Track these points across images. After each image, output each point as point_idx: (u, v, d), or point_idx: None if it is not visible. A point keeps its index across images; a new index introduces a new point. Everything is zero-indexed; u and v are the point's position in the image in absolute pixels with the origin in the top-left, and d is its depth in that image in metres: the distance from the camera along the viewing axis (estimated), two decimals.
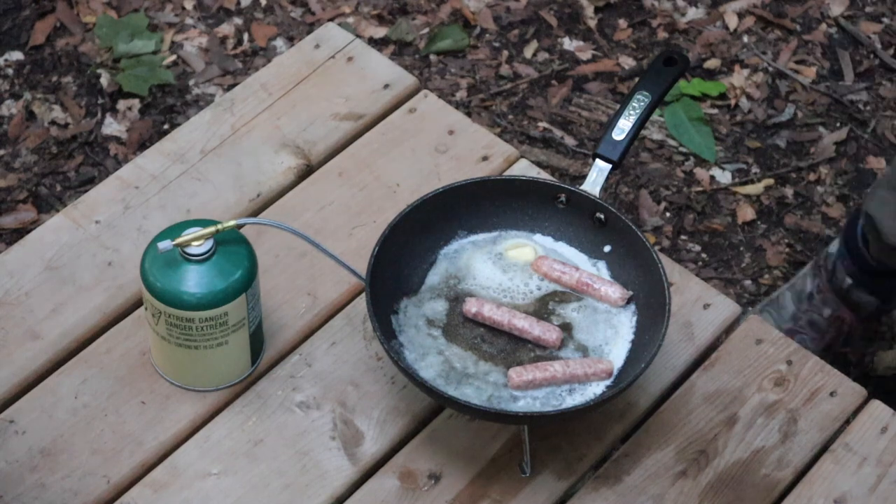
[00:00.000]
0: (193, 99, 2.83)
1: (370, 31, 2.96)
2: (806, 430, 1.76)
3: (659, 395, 1.78)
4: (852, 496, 1.70)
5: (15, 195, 2.68)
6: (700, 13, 3.04)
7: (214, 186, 1.93)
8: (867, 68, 2.97)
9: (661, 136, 2.84)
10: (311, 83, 2.03)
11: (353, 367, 1.77)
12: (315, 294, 1.83)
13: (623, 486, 1.71)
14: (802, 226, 2.72)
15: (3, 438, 1.70)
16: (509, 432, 1.73)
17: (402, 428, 1.74)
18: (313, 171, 1.96)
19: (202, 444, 1.71)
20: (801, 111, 2.90)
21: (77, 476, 1.68)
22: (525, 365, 1.69)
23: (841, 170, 2.81)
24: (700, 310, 1.85)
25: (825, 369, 1.81)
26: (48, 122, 2.79)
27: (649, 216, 2.72)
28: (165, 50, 2.91)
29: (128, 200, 1.91)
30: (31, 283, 1.83)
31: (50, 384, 1.75)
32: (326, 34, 2.09)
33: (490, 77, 2.91)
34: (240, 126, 1.99)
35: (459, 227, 1.82)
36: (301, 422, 1.73)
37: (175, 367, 1.73)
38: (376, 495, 1.68)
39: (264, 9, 3.00)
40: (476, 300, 1.74)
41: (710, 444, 1.74)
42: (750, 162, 2.81)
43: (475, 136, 1.99)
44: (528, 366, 1.69)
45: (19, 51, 2.89)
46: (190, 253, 1.64)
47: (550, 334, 1.72)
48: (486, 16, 3.01)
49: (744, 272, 2.65)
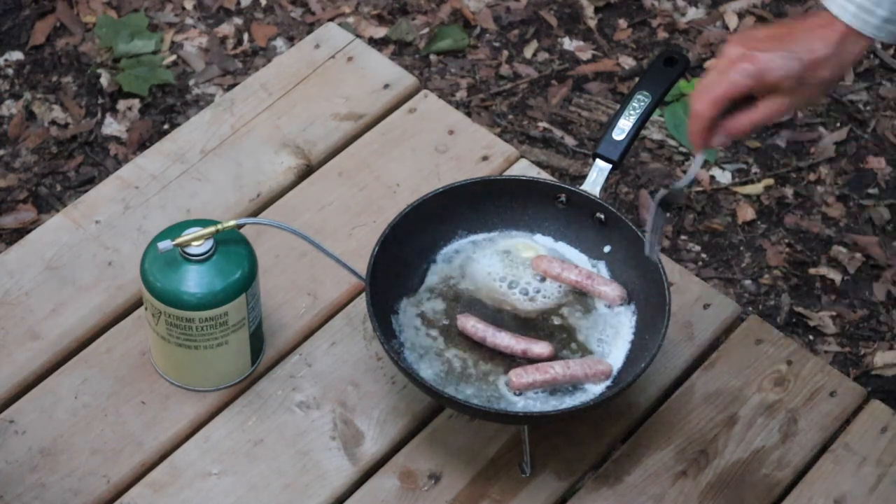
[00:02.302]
0: (193, 99, 2.83)
1: (370, 31, 2.96)
2: (806, 430, 1.76)
3: (659, 395, 1.78)
4: (852, 496, 1.70)
5: (15, 195, 2.68)
6: (700, 13, 3.04)
7: (214, 186, 1.93)
8: (867, 68, 2.97)
9: (661, 136, 2.84)
10: (311, 83, 2.03)
11: (353, 367, 1.77)
12: (315, 294, 1.83)
13: (623, 486, 1.71)
14: (802, 226, 2.72)
15: (3, 438, 1.70)
16: (509, 432, 1.73)
17: (402, 428, 1.74)
18: (313, 171, 1.96)
19: (202, 444, 1.71)
20: (801, 111, 2.90)
21: (77, 476, 1.68)
22: (525, 367, 1.69)
23: (841, 170, 2.81)
24: (700, 310, 1.85)
25: (825, 369, 1.81)
26: (48, 122, 2.79)
27: (649, 216, 2.72)
28: (165, 50, 2.91)
29: (128, 200, 1.91)
30: (31, 283, 1.83)
31: (50, 384, 1.75)
32: (326, 34, 2.09)
33: (490, 77, 2.91)
34: (240, 126, 1.99)
35: (459, 227, 1.82)
36: (301, 422, 1.73)
37: (175, 367, 1.73)
38: (376, 495, 1.68)
39: (264, 9, 3.00)
40: (464, 317, 1.74)
41: (710, 444, 1.74)
42: (750, 162, 2.81)
43: (475, 136, 1.99)
44: (528, 367, 1.69)
45: (19, 51, 2.89)
46: (190, 253, 1.64)
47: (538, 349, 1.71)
48: (486, 16, 3.01)
49: (744, 272, 2.65)
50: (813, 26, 1.52)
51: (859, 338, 2.57)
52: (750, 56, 1.52)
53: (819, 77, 1.53)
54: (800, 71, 1.52)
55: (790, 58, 1.51)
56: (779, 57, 1.51)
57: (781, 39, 1.52)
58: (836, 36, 1.51)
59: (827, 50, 1.51)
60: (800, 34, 1.52)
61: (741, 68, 1.52)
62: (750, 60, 1.52)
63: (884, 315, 2.60)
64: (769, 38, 1.53)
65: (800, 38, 1.52)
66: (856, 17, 1.50)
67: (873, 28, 1.50)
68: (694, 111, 1.55)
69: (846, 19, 1.50)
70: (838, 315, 2.60)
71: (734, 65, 1.53)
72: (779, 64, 1.51)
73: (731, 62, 1.53)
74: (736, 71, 1.52)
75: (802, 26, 1.53)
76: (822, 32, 1.51)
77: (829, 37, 1.51)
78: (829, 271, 2.65)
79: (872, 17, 1.49)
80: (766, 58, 1.51)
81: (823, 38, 1.51)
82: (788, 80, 1.52)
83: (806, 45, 1.51)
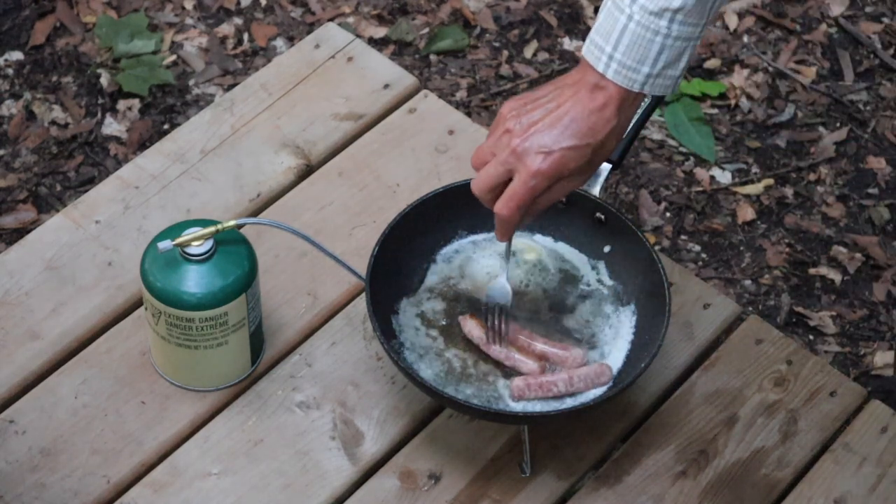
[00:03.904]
0: (193, 99, 2.83)
1: (370, 31, 2.96)
2: (806, 430, 1.76)
3: (659, 395, 1.78)
4: (852, 496, 1.71)
5: (15, 195, 2.68)
6: None
7: (214, 186, 1.93)
8: (867, 68, 2.97)
9: (661, 136, 2.84)
10: (311, 83, 2.03)
11: (353, 367, 1.78)
12: (315, 294, 1.83)
13: (623, 486, 1.71)
14: (802, 226, 2.72)
15: (3, 438, 1.70)
16: (509, 432, 1.73)
17: (402, 428, 1.74)
18: (313, 171, 1.96)
19: (202, 444, 1.71)
20: (801, 111, 2.90)
21: (77, 476, 1.68)
22: (529, 382, 1.68)
23: (841, 170, 2.81)
24: (700, 310, 1.85)
25: (825, 369, 1.81)
26: (48, 122, 2.79)
27: (649, 216, 2.72)
28: (165, 50, 2.91)
29: (128, 200, 1.91)
30: (31, 283, 1.83)
31: (50, 384, 1.75)
32: (326, 34, 2.09)
33: (490, 77, 2.91)
34: (240, 126, 1.99)
35: (459, 227, 1.82)
36: (301, 422, 1.73)
37: (175, 367, 1.73)
38: (376, 495, 1.68)
39: (264, 9, 3.00)
40: (463, 320, 1.73)
41: (710, 444, 1.74)
42: (750, 162, 2.81)
43: (475, 136, 1.99)
44: (531, 383, 1.68)
45: (19, 51, 2.89)
46: (190, 253, 1.64)
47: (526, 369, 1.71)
48: (486, 16, 3.01)
49: (744, 272, 2.65)
50: (585, 101, 1.52)
51: (859, 338, 2.57)
52: (544, 158, 1.52)
53: (607, 151, 1.55)
54: (591, 156, 1.54)
55: (581, 149, 1.52)
56: (572, 153, 1.52)
57: (559, 124, 1.52)
58: (612, 108, 1.52)
59: (610, 126, 1.52)
60: (577, 114, 1.52)
61: (541, 173, 1.52)
62: (547, 162, 1.52)
63: (884, 315, 2.60)
64: (549, 126, 1.52)
65: (579, 119, 1.52)
66: (617, 74, 1.50)
67: (639, 85, 1.51)
68: (501, 216, 1.57)
69: (609, 75, 1.50)
70: (838, 315, 2.60)
71: (522, 162, 1.53)
72: (572, 158, 1.53)
73: (517, 156, 1.53)
74: (534, 177, 1.52)
75: (575, 105, 1.52)
76: (600, 110, 1.51)
77: (606, 111, 1.52)
78: (829, 271, 2.65)
79: (637, 73, 1.50)
80: (560, 158, 1.52)
81: (602, 114, 1.52)
82: (581, 167, 1.54)
83: (588, 127, 1.52)
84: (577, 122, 1.52)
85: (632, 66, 1.49)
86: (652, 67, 1.49)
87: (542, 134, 1.52)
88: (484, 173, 1.57)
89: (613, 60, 1.49)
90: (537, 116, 1.53)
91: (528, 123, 1.53)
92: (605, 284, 1.79)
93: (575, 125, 1.52)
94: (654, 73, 1.50)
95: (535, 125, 1.53)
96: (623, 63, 1.49)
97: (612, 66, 1.50)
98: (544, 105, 1.54)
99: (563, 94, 1.53)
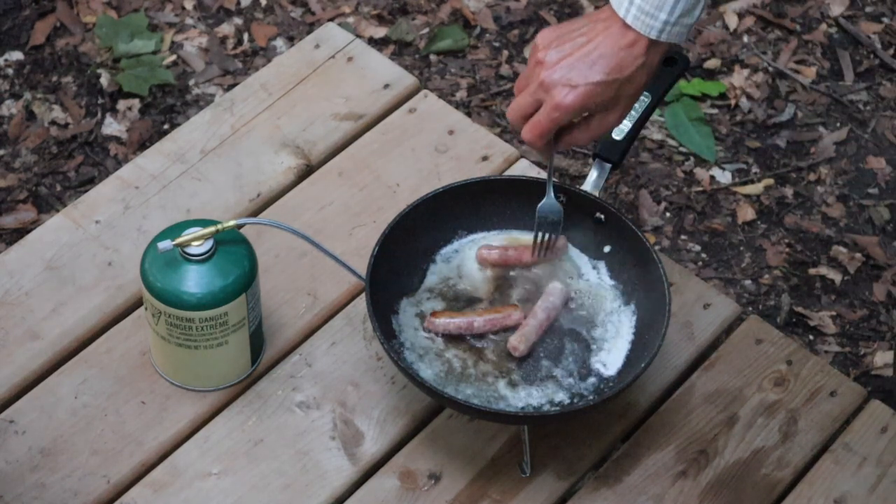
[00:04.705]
0: (193, 99, 2.83)
1: (370, 31, 2.96)
2: (806, 430, 1.76)
3: (659, 395, 1.78)
4: (852, 496, 1.71)
5: (15, 195, 2.68)
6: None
7: (214, 186, 1.93)
8: (867, 68, 2.97)
9: (661, 136, 2.84)
10: (311, 83, 2.03)
11: (353, 367, 1.78)
12: (315, 294, 1.84)
13: (623, 486, 1.71)
14: (802, 226, 2.72)
15: (3, 438, 1.70)
16: (509, 432, 1.73)
17: (402, 428, 1.74)
18: (313, 171, 1.96)
19: (202, 444, 1.71)
20: (801, 111, 2.90)
21: (77, 476, 1.68)
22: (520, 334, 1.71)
23: (841, 170, 2.81)
24: (700, 310, 1.85)
25: (825, 369, 1.81)
26: (48, 122, 2.79)
27: (649, 216, 2.72)
28: (165, 50, 2.91)
29: (128, 200, 1.91)
30: (31, 283, 1.83)
31: (50, 384, 1.75)
32: (326, 34, 2.09)
33: (490, 77, 2.91)
34: (240, 126, 1.99)
35: (459, 227, 1.82)
36: (301, 422, 1.73)
37: (175, 367, 1.73)
38: (376, 495, 1.68)
39: (264, 9, 3.00)
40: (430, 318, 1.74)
41: (710, 444, 1.74)
42: (750, 162, 2.81)
43: (475, 136, 1.99)
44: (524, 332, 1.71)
45: (19, 51, 2.89)
46: (190, 253, 1.64)
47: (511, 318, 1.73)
48: (486, 16, 3.01)
49: (744, 272, 2.65)
50: (616, 36, 1.56)
51: (859, 338, 2.57)
52: (568, 92, 1.56)
53: (635, 87, 1.59)
54: (617, 92, 1.57)
55: (607, 85, 1.56)
56: (598, 88, 1.56)
57: (588, 59, 1.56)
58: (642, 46, 1.56)
59: (637, 62, 1.56)
60: (606, 50, 1.56)
61: (563, 107, 1.57)
62: (571, 97, 1.56)
63: (884, 315, 2.60)
64: (577, 60, 1.56)
65: (608, 55, 1.56)
66: (636, 20, 1.54)
67: (657, 32, 1.55)
68: (527, 142, 1.62)
69: (629, 21, 1.54)
70: (838, 315, 2.60)
71: (549, 94, 1.57)
72: (598, 93, 1.57)
73: (545, 88, 1.58)
74: (556, 109, 1.57)
75: (605, 40, 1.56)
76: (629, 46, 1.56)
77: (635, 48, 1.56)
78: (829, 271, 2.66)
79: (655, 20, 1.54)
80: (585, 93, 1.56)
81: (631, 51, 1.56)
82: (607, 102, 1.58)
83: (616, 63, 1.56)
84: (606, 58, 1.56)
85: (650, 13, 1.54)
86: (669, 15, 1.54)
87: (570, 68, 1.57)
88: (515, 103, 1.62)
89: (633, 6, 1.54)
90: (567, 50, 1.58)
91: (559, 57, 1.58)
92: (605, 284, 1.79)
93: (603, 61, 1.56)
94: (672, 21, 1.54)
95: (564, 59, 1.57)
96: (642, 8, 1.54)
97: (631, 11, 1.54)
98: (575, 39, 1.58)
99: (595, 28, 1.58)
